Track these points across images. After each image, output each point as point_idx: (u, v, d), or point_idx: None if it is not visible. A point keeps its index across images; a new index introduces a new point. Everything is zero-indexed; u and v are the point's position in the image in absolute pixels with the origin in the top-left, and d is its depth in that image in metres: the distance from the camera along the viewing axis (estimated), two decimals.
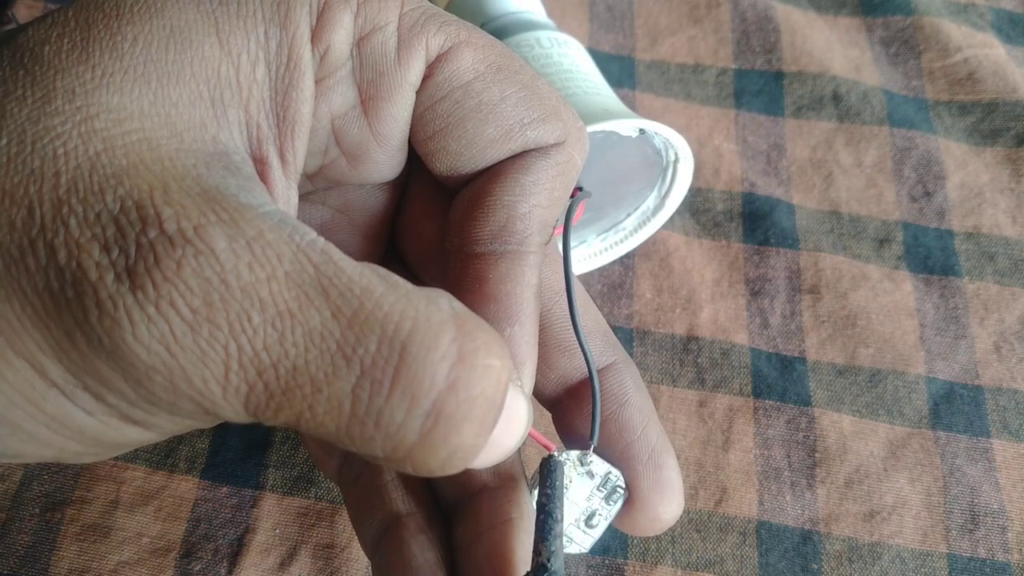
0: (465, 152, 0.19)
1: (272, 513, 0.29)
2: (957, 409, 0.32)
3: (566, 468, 0.19)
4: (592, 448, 0.19)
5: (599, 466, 0.19)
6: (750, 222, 0.36)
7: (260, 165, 0.16)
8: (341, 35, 0.17)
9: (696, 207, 0.36)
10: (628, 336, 0.33)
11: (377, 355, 0.13)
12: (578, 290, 0.21)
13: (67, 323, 0.13)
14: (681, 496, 0.20)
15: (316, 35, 0.17)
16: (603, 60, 0.41)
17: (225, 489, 0.29)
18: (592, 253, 0.34)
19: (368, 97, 0.18)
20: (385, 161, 0.20)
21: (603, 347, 0.21)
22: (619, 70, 0.40)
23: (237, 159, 0.15)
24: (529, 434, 0.18)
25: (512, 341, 0.18)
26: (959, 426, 0.32)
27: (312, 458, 0.23)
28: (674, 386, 0.32)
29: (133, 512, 0.28)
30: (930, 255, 0.36)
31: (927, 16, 0.42)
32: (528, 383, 0.19)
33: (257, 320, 0.13)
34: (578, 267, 0.34)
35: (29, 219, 0.13)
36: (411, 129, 0.19)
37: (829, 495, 0.30)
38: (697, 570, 0.29)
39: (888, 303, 0.34)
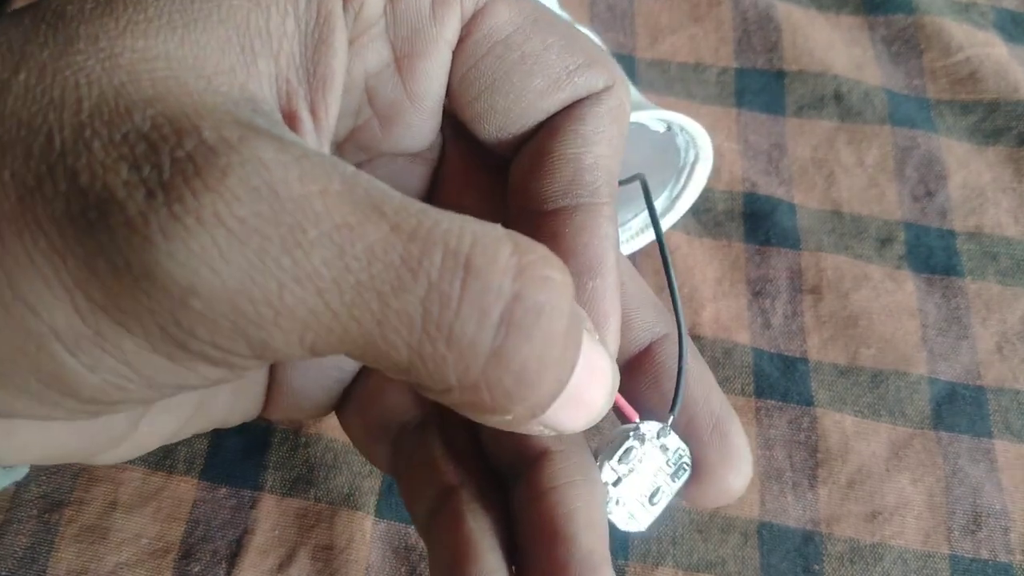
0: (514, 107, 0.19)
1: (271, 514, 0.29)
2: (959, 410, 0.32)
3: (646, 440, 0.19)
4: (670, 422, 0.19)
5: (672, 441, 0.19)
6: (751, 222, 0.36)
7: (291, 120, 0.15)
8: None
9: (697, 206, 0.36)
10: None
11: (443, 267, 0.12)
12: (623, 261, 0.20)
13: (88, 250, 0.12)
14: (749, 464, 0.19)
15: None
16: None
17: (224, 490, 0.29)
18: None
19: (403, 55, 0.18)
20: (419, 124, 0.19)
21: (655, 318, 0.20)
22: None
23: (266, 108, 0.15)
24: (616, 401, 0.17)
25: (595, 295, 0.18)
26: (961, 427, 0.32)
27: (360, 450, 0.22)
28: None
29: (131, 513, 0.28)
30: (932, 255, 0.36)
31: (929, 15, 0.42)
32: (613, 339, 0.18)
33: (313, 233, 0.12)
34: None
35: (48, 146, 0.12)
36: (454, 94, 0.19)
37: (831, 496, 0.30)
38: (698, 571, 0.28)
39: (890, 303, 0.34)
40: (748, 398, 0.32)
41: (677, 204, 0.33)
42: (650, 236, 0.34)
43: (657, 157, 0.31)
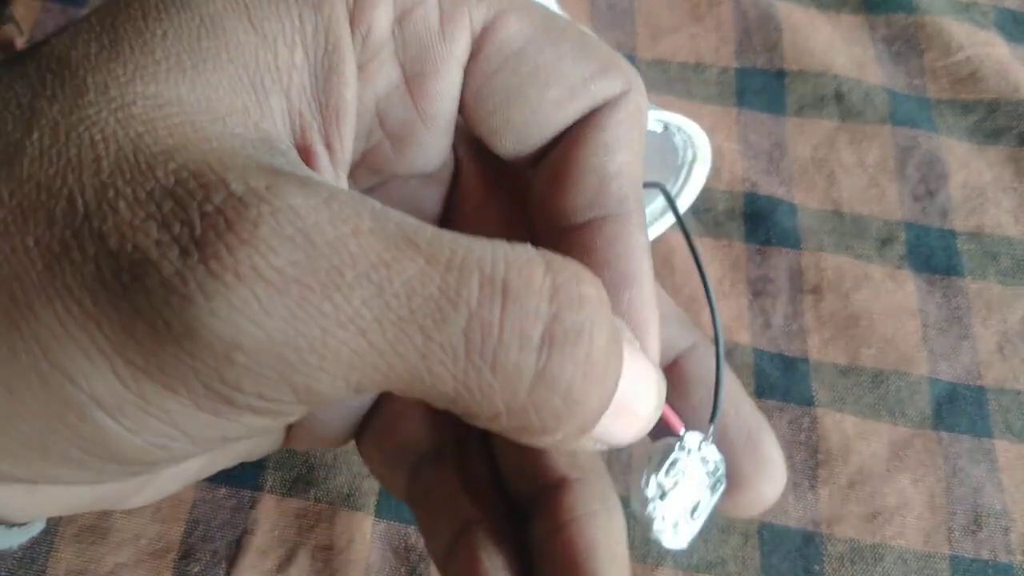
0: (531, 120, 0.18)
1: (271, 514, 0.28)
2: (960, 410, 0.32)
3: (690, 452, 0.18)
4: (711, 432, 0.18)
5: (711, 452, 0.18)
6: (752, 222, 0.36)
7: (306, 155, 0.15)
8: (381, 13, 0.16)
9: (698, 206, 0.36)
10: None
11: (482, 295, 0.13)
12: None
13: (124, 314, 0.12)
14: (783, 471, 0.19)
15: (355, 16, 0.16)
16: None
17: (223, 490, 0.29)
18: None
19: (413, 75, 0.17)
20: (431, 144, 0.19)
21: (680, 331, 0.20)
22: None
23: (283, 147, 0.15)
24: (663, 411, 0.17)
25: (633, 306, 0.17)
26: (962, 427, 0.32)
27: (378, 478, 0.22)
28: None
29: (131, 513, 0.28)
30: (933, 255, 0.36)
31: (929, 14, 0.42)
32: (654, 347, 0.18)
33: (351, 275, 0.12)
34: None
35: (70, 209, 0.12)
36: (468, 111, 0.18)
37: (832, 496, 0.30)
38: (699, 572, 0.28)
39: (891, 303, 0.34)
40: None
41: (677, 202, 0.33)
42: (652, 235, 0.34)
43: (655, 157, 0.31)
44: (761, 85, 0.40)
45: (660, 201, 0.33)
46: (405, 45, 0.17)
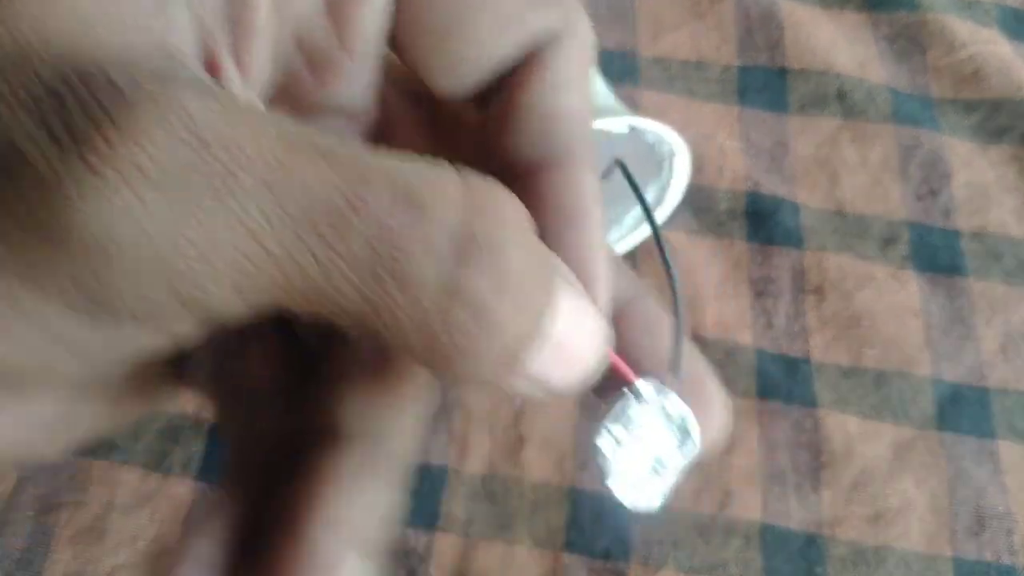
0: (464, 52, 0.18)
1: None
2: (963, 411, 0.32)
3: (643, 401, 0.17)
4: (672, 384, 0.18)
5: (674, 404, 0.18)
6: (754, 221, 0.36)
7: (213, 71, 0.14)
8: None
9: (699, 205, 0.36)
10: None
11: (390, 205, 0.12)
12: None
13: None
14: (728, 411, 0.18)
15: None
16: (605, 57, 0.40)
17: None
18: None
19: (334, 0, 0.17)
20: (355, 76, 0.18)
21: (627, 284, 0.19)
22: (621, 67, 0.40)
23: (187, 60, 0.14)
24: (610, 359, 0.17)
25: (579, 249, 0.17)
26: (965, 428, 0.31)
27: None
28: None
29: (128, 515, 0.28)
30: (936, 254, 0.35)
31: (932, 12, 0.42)
32: (603, 292, 0.17)
33: (246, 179, 0.12)
34: None
35: None
36: (398, 41, 0.18)
37: (834, 498, 0.30)
38: (700, 574, 0.28)
39: (893, 303, 0.34)
40: (751, 399, 0.31)
41: (666, 196, 0.33)
42: (648, 230, 0.34)
43: (640, 155, 0.31)
44: (763, 83, 0.40)
45: (650, 197, 0.33)
46: None
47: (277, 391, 0.18)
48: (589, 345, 0.15)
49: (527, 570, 0.28)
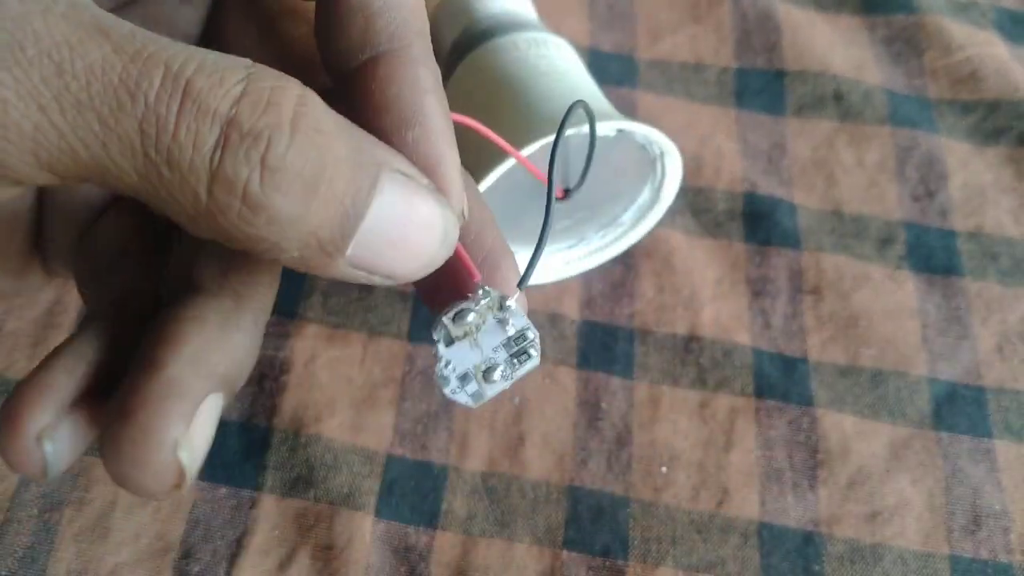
0: None
1: (271, 515, 0.29)
2: (959, 410, 0.32)
3: (483, 305, 0.18)
4: (516, 296, 0.18)
5: (517, 319, 0.18)
6: (751, 222, 0.36)
7: None
8: None
9: (697, 207, 0.36)
10: (629, 336, 0.33)
11: (161, 89, 0.13)
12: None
13: None
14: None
15: None
16: (604, 59, 0.40)
17: (224, 490, 0.29)
18: (593, 250, 0.34)
19: None
20: None
21: (395, 24, 0.18)
22: (620, 69, 0.40)
23: None
24: (457, 254, 0.17)
25: (417, 145, 0.17)
26: (961, 427, 0.32)
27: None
28: (675, 386, 0.32)
29: (131, 513, 0.28)
30: (932, 255, 0.36)
31: (929, 14, 0.42)
32: (452, 188, 0.17)
33: (32, 51, 0.12)
34: (580, 265, 0.34)
35: None
36: None
37: (831, 496, 0.30)
38: (698, 572, 0.28)
39: (890, 303, 0.34)
40: (748, 398, 0.32)
41: (661, 195, 0.33)
42: (645, 228, 0.34)
43: (632, 155, 0.31)
44: (761, 85, 0.40)
45: (646, 195, 0.33)
46: None
47: (134, 257, 0.18)
48: (428, 237, 0.15)
49: (526, 568, 0.28)
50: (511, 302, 0.18)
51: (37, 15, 0.12)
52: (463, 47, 0.33)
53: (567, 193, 0.27)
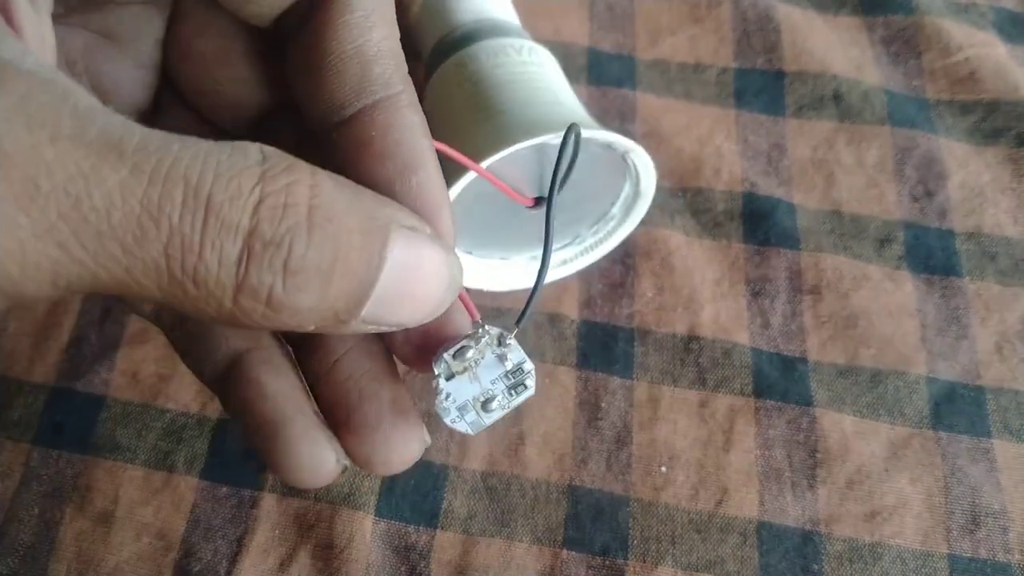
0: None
1: (271, 514, 0.29)
2: (958, 409, 0.32)
3: (483, 342, 0.19)
4: (515, 333, 0.19)
5: (515, 354, 0.19)
6: (751, 222, 0.36)
7: (7, 14, 0.14)
8: None
9: (697, 207, 0.36)
10: (629, 336, 0.33)
11: (184, 209, 0.12)
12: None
13: None
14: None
15: None
16: (604, 59, 0.40)
17: (224, 489, 0.29)
18: (588, 247, 0.34)
19: None
20: None
21: (389, 71, 0.18)
22: (619, 70, 0.40)
23: None
24: (459, 295, 0.18)
25: (421, 191, 0.17)
26: (960, 426, 0.32)
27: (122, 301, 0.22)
28: (675, 386, 0.32)
29: (132, 512, 0.28)
30: (931, 255, 0.36)
31: (928, 15, 0.42)
32: (447, 229, 0.18)
33: (46, 186, 0.12)
34: (578, 263, 0.34)
35: None
36: None
37: (830, 496, 0.30)
38: (698, 571, 0.28)
39: (889, 303, 0.34)
40: (747, 398, 0.32)
41: (640, 188, 0.32)
42: (634, 220, 0.33)
43: (600, 156, 0.30)
44: (760, 86, 0.40)
45: (628, 189, 0.33)
46: None
47: None
48: (433, 286, 0.16)
49: (526, 567, 0.28)
50: (511, 339, 0.19)
51: (47, 145, 0.12)
52: (443, 51, 0.33)
53: (538, 202, 0.27)
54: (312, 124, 0.18)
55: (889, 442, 0.31)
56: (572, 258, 0.34)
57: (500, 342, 0.19)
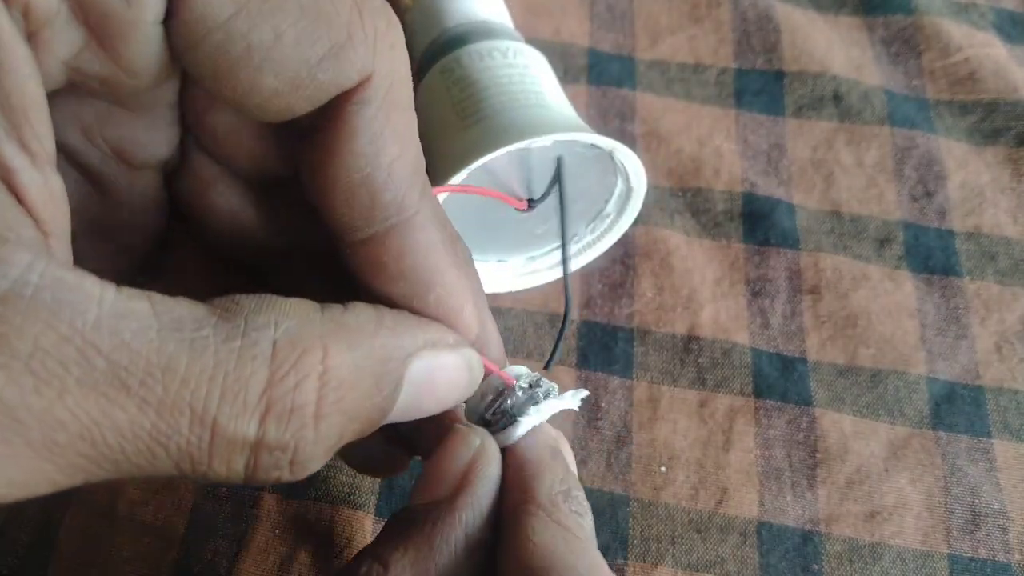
0: (251, 104, 0.16)
1: (272, 514, 0.29)
2: (958, 409, 0.32)
3: (519, 395, 0.20)
4: (543, 377, 0.21)
5: (543, 390, 0.21)
6: (750, 222, 0.36)
7: (4, 172, 0.14)
8: None
9: (696, 207, 0.36)
10: (629, 336, 0.33)
11: (190, 435, 0.13)
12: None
13: None
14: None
15: None
16: (604, 59, 0.40)
17: (225, 489, 0.29)
18: (586, 244, 0.34)
19: (101, 37, 0.15)
20: (145, 83, 0.17)
21: (401, 195, 0.17)
22: (619, 70, 0.40)
23: None
24: (486, 367, 0.19)
25: (440, 304, 0.18)
26: (960, 426, 0.32)
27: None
28: (675, 386, 0.32)
29: (132, 512, 0.28)
30: (931, 255, 0.36)
31: (928, 15, 0.42)
32: (470, 325, 0.19)
33: (63, 439, 0.13)
34: (577, 261, 0.34)
35: None
36: (187, 66, 0.17)
37: (830, 495, 0.30)
38: (698, 571, 0.28)
39: (889, 303, 0.34)
40: (747, 398, 0.32)
41: (631, 183, 0.31)
42: (630, 216, 0.33)
43: (587, 155, 0.30)
44: (760, 86, 0.40)
45: (620, 185, 0.32)
46: (83, 12, 0.15)
47: None
48: (452, 385, 0.17)
49: None
50: (551, 386, 0.21)
51: (57, 403, 0.12)
52: (435, 52, 0.33)
53: (531, 204, 0.27)
54: (334, 237, 0.18)
55: (889, 442, 0.31)
56: (571, 257, 0.34)
57: (532, 385, 0.21)
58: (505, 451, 0.20)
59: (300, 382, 0.14)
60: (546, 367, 0.21)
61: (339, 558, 0.28)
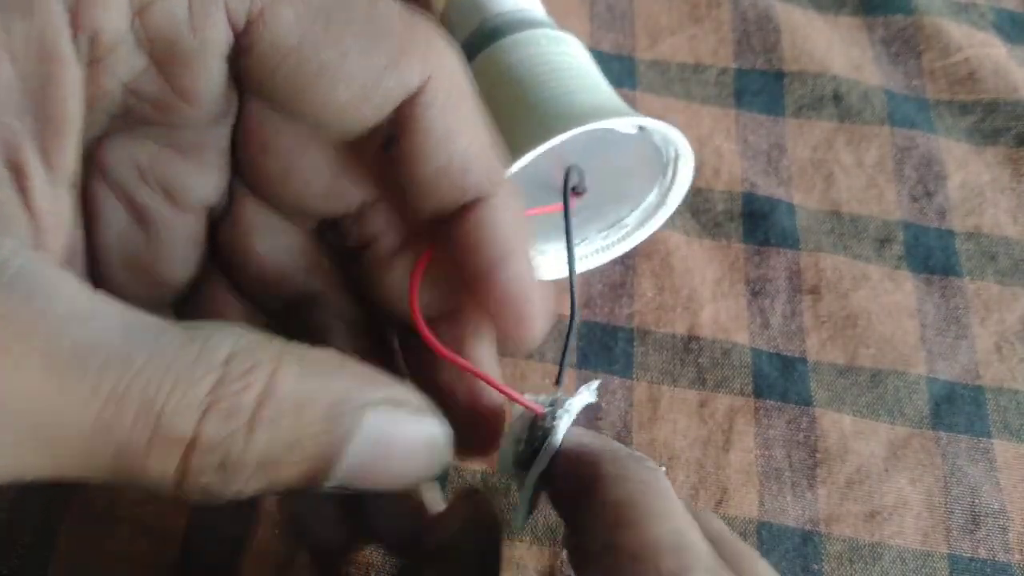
0: (325, 118, 0.18)
1: (272, 514, 0.29)
2: (958, 409, 0.32)
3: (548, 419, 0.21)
4: (559, 392, 0.21)
5: (563, 403, 0.21)
6: (750, 222, 0.36)
7: (18, 172, 0.15)
8: (111, 14, 0.15)
9: (696, 207, 0.36)
10: (629, 336, 0.33)
11: (133, 429, 0.13)
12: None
13: None
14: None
15: (76, 20, 0.15)
16: (603, 60, 0.40)
17: None
18: (593, 251, 0.34)
19: (164, 66, 0.17)
20: (201, 114, 0.18)
21: (477, 178, 0.19)
22: (619, 70, 0.40)
23: None
24: (512, 399, 0.20)
25: (510, 285, 0.18)
26: (960, 426, 0.32)
27: None
28: (675, 386, 0.32)
29: (133, 512, 0.28)
30: (931, 255, 0.36)
31: (928, 15, 0.42)
32: (542, 315, 0.19)
33: (7, 419, 0.13)
34: (579, 265, 0.34)
35: None
36: (266, 99, 0.18)
37: (830, 495, 0.30)
38: None
39: (889, 303, 0.34)
40: (747, 398, 0.32)
41: (668, 199, 0.33)
42: (647, 231, 0.34)
43: (645, 157, 0.31)
44: (760, 86, 0.40)
45: (652, 199, 0.33)
46: (149, 40, 0.16)
47: None
48: (409, 455, 0.17)
49: (526, 566, 0.28)
50: (560, 394, 0.21)
51: (16, 378, 0.13)
52: (475, 45, 0.33)
53: (573, 191, 0.27)
54: (420, 216, 0.19)
55: (889, 442, 0.31)
56: (579, 258, 0.34)
57: (554, 405, 0.21)
58: (553, 460, 0.20)
59: (243, 389, 0.14)
60: (556, 383, 0.21)
61: (340, 559, 0.28)
